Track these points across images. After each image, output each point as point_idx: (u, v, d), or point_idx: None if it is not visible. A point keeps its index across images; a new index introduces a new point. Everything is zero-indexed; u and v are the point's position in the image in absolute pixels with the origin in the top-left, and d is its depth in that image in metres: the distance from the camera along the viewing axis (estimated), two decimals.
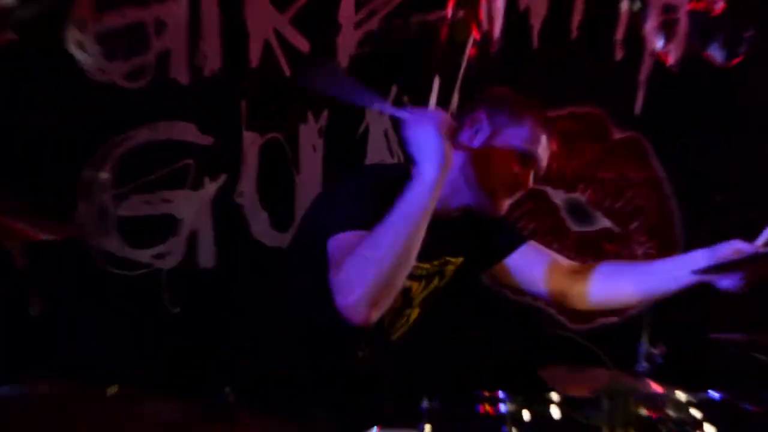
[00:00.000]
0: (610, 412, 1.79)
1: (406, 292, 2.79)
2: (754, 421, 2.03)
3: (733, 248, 2.60)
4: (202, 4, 3.58)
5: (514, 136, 2.78)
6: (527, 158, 2.77)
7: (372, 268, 2.36)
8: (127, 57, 3.49)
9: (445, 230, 2.79)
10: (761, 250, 2.54)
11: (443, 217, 2.79)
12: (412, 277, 2.74)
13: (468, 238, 2.96)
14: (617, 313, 4.17)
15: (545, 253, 3.13)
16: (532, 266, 3.04)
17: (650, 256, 4.23)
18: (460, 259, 2.94)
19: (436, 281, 2.90)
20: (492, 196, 2.79)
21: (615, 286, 2.98)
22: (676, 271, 2.79)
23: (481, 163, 2.79)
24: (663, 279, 2.85)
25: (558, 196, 4.18)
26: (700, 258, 2.72)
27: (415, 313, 2.90)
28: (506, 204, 2.81)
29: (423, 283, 2.86)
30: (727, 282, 2.63)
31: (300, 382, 2.78)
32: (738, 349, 2.46)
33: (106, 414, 1.90)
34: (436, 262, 2.86)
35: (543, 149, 2.80)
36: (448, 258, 2.90)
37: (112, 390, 1.95)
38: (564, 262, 3.09)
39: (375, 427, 2.47)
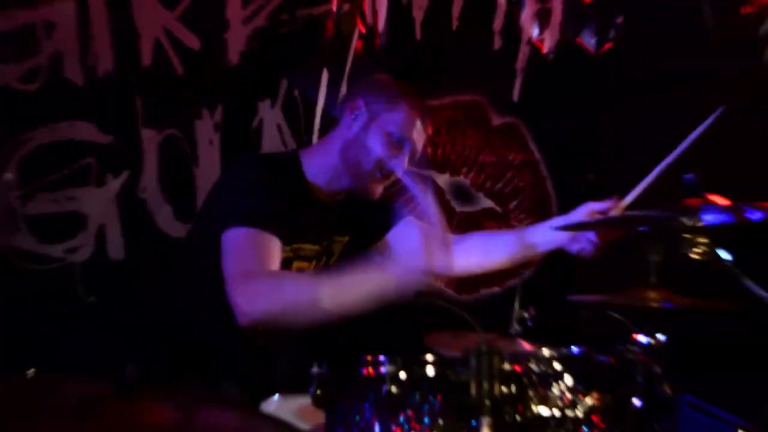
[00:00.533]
0: (477, 368, 1.93)
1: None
2: (608, 370, 2.20)
3: (587, 210, 2.82)
4: (89, 4, 3.53)
5: (389, 121, 2.89)
6: (401, 143, 2.90)
7: (286, 305, 2.44)
8: (20, 59, 3.43)
9: (331, 212, 2.96)
10: (612, 213, 2.76)
11: (328, 201, 2.96)
12: (302, 258, 2.90)
13: (352, 217, 3.07)
14: (498, 283, 4.39)
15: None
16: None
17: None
18: (346, 238, 3.07)
19: (324, 260, 3.02)
20: (367, 180, 2.92)
21: (487, 252, 3.16)
22: (538, 237, 3.00)
23: (356, 152, 2.90)
24: (528, 244, 3.05)
25: (443, 180, 4.32)
26: (558, 222, 2.93)
27: None
28: (380, 188, 2.95)
29: (314, 263, 2.99)
30: (577, 246, 2.83)
31: (206, 361, 2.92)
32: (595, 308, 2.63)
33: (25, 393, 2.02)
34: (324, 243, 2.99)
35: (418, 134, 2.92)
36: (335, 237, 3.03)
37: (31, 373, 2.08)
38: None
39: (276, 394, 2.64)
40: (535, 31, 4.45)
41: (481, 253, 3.17)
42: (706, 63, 4.66)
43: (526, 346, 2.75)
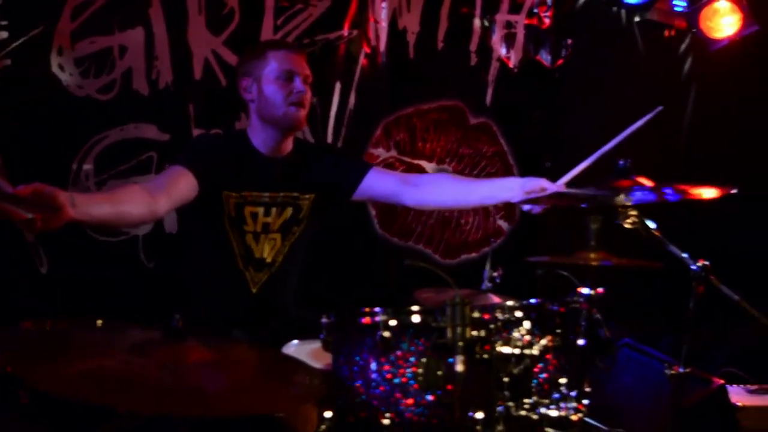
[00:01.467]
0: (451, 316, 1.90)
1: (254, 218, 2.82)
2: (558, 317, 2.17)
3: (539, 184, 2.70)
4: (154, 31, 3.51)
5: (268, 72, 2.77)
6: (288, 75, 2.76)
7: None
8: (99, 75, 3.40)
9: (281, 167, 2.84)
10: (558, 189, 2.67)
11: (275, 157, 2.84)
12: (252, 204, 2.79)
13: (313, 176, 2.91)
14: (474, 250, 4.32)
15: (391, 173, 3.14)
16: (386, 186, 2.96)
17: (498, 209, 4.38)
18: (312, 196, 2.90)
19: (289, 211, 2.87)
20: (290, 119, 2.78)
21: (450, 191, 2.96)
22: (495, 190, 2.86)
23: (266, 103, 2.79)
24: (485, 193, 2.90)
25: (431, 167, 4.25)
26: (514, 183, 2.80)
27: (277, 237, 2.88)
28: (303, 115, 2.80)
29: (274, 210, 2.85)
30: (528, 206, 2.73)
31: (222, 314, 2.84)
32: (548, 267, 2.60)
33: (95, 338, 1.99)
34: (281, 194, 2.85)
35: (293, 62, 2.79)
36: (296, 194, 2.87)
37: (99, 322, 2.04)
38: (410, 175, 3.10)
39: (295, 340, 2.60)
40: (503, 51, 4.38)
41: (456, 191, 2.98)
42: (638, 74, 4.64)
43: (495, 298, 2.70)
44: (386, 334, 1.95)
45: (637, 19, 4.75)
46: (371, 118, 4.10)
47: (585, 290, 2.20)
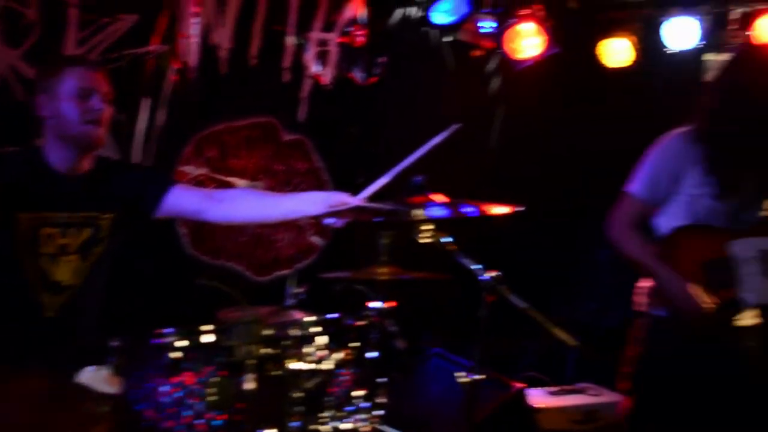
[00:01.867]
0: (241, 335, 1.92)
1: (50, 239, 2.69)
2: (353, 330, 2.22)
3: (341, 199, 2.67)
4: None
5: (64, 89, 2.64)
6: (85, 93, 2.66)
7: None
8: None
9: (79, 186, 2.73)
10: (357, 203, 2.66)
11: (72, 175, 2.72)
12: (50, 225, 2.67)
13: (112, 193, 2.80)
14: (288, 267, 4.34)
15: (195, 189, 3.10)
16: (189, 202, 2.86)
17: (311, 226, 4.41)
18: (110, 215, 2.78)
19: (88, 232, 2.75)
20: (87, 136, 2.67)
21: (254, 206, 2.88)
22: (300, 204, 2.80)
23: (61, 121, 2.66)
24: (290, 207, 2.83)
25: (242, 183, 4.21)
26: (318, 198, 2.76)
27: (75, 258, 2.74)
28: (101, 132, 2.69)
29: (72, 231, 2.72)
30: (330, 220, 2.77)
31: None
32: (345, 282, 2.66)
33: None
34: (80, 213, 2.74)
35: (89, 79, 2.67)
36: (96, 213, 2.76)
37: None
38: (214, 191, 3.06)
39: (91, 365, 2.50)
40: (316, 68, 4.44)
41: (260, 206, 2.90)
42: (449, 92, 4.79)
43: (297, 315, 2.72)
44: (176, 355, 1.94)
45: (447, 38, 4.94)
46: (182, 135, 4.05)
47: (376, 304, 2.26)
